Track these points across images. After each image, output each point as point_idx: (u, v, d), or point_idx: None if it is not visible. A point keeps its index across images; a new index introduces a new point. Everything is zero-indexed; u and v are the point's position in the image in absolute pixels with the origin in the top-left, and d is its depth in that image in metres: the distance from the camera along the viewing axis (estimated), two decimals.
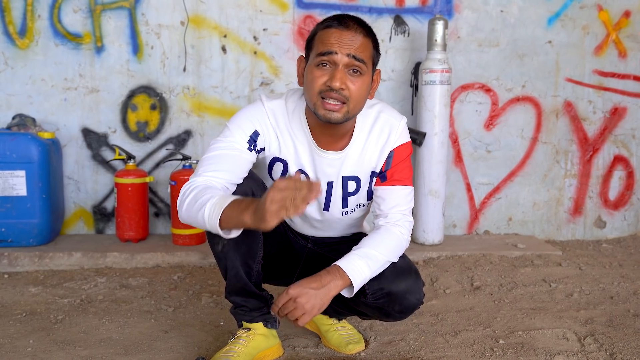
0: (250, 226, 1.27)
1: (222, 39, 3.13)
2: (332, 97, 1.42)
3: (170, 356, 1.78)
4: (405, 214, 1.61)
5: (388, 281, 1.55)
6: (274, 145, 1.57)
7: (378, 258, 1.51)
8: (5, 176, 2.78)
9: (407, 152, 1.62)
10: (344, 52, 1.41)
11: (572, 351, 1.82)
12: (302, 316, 1.42)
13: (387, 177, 1.61)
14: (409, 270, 1.60)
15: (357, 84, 1.44)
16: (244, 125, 1.54)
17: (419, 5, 3.20)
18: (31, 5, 3.02)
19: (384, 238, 1.55)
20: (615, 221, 3.50)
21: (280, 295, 1.44)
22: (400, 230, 1.58)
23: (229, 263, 1.59)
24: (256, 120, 1.55)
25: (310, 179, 1.58)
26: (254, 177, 1.58)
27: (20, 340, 1.88)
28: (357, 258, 1.49)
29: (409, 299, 1.58)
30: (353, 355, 1.80)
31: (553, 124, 3.36)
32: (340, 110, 1.44)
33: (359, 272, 1.47)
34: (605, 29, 3.31)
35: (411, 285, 1.58)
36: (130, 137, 3.16)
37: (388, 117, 1.60)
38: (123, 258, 2.79)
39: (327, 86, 1.42)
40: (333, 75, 1.42)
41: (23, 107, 3.08)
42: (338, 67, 1.42)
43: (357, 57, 1.42)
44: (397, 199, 1.60)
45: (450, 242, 3.16)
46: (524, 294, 2.41)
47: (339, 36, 1.42)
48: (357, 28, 1.44)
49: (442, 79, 2.95)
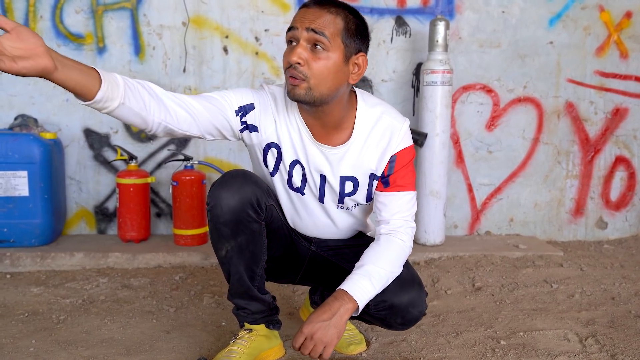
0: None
1: (223, 39, 3.14)
2: (292, 74, 1.40)
3: (172, 356, 1.78)
4: (407, 220, 1.58)
5: (391, 294, 1.53)
6: (270, 128, 1.54)
7: (381, 274, 1.49)
8: (8, 176, 2.78)
9: (410, 156, 1.58)
10: (303, 26, 1.38)
11: (573, 352, 1.82)
12: (325, 349, 1.42)
13: (390, 183, 1.57)
14: (412, 282, 1.58)
15: (319, 60, 1.38)
16: (243, 92, 1.52)
17: (420, 6, 3.21)
18: (33, 6, 3.03)
19: (386, 250, 1.53)
20: (616, 222, 3.49)
21: (295, 336, 1.44)
22: (402, 237, 1.55)
23: (233, 268, 1.59)
24: (258, 96, 1.53)
25: (306, 171, 1.57)
26: (258, 184, 1.57)
27: (22, 340, 1.89)
28: (361, 278, 1.47)
29: (411, 312, 1.57)
30: (355, 356, 1.80)
31: (554, 125, 3.36)
32: (300, 85, 1.40)
33: (364, 293, 1.46)
34: (606, 30, 3.31)
35: (414, 298, 1.56)
36: (132, 138, 3.16)
37: (390, 119, 1.55)
38: (125, 258, 2.79)
39: (288, 62, 1.40)
40: (291, 52, 1.40)
41: (25, 107, 3.09)
42: (299, 43, 1.39)
43: (316, 30, 1.37)
44: (399, 206, 1.57)
45: (451, 243, 3.16)
46: (526, 294, 2.41)
47: (304, 12, 1.40)
48: (328, 7, 1.40)
49: (443, 80, 2.96)
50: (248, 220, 1.53)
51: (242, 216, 1.51)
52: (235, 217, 1.51)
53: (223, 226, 1.52)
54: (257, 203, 1.53)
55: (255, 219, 1.54)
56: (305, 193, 1.62)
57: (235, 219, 1.51)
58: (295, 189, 1.61)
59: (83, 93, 1.21)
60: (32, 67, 1.10)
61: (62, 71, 1.16)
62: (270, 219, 1.61)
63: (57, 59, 1.15)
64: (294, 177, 1.59)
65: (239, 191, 1.51)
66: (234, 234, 1.53)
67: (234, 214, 1.51)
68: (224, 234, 1.54)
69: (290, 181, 1.60)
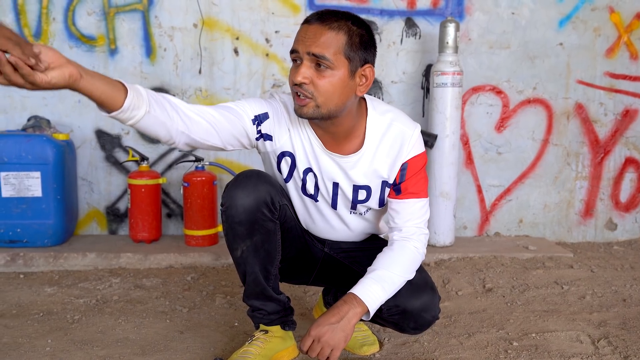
0: None
1: (234, 41, 3.15)
2: (298, 92, 1.41)
3: (187, 356, 1.80)
4: (420, 227, 1.58)
5: (403, 299, 1.53)
6: (284, 137, 1.56)
7: (393, 279, 1.50)
8: (21, 177, 2.81)
9: (422, 163, 1.58)
10: (304, 50, 1.39)
11: (586, 354, 1.83)
12: (332, 352, 1.43)
13: (402, 190, 1.57)
14: (425, 287, 1.58)
15: (324, 79, 1.39)
16: (257, 102, 1.54)
17: (430, 8, 3.21)
18: (46, 8, 3.05)
19: (399, 256, 1.53)
20: (626, 223, 3.49)
21: (303, 338, 1.45)
22: (415, 244, 1.55)
23: (248, 268, 1.60)
24: (271, 106, 1.55)
25: (318, 179, 1.58)
26: (272, 183, 1.58)
27: (38, 339, 1.91)
28: (372, 282, 1.48)
29: (424, 317, 1.58)
30: (368, 356, 1.81)
31: (564, 126, 3.36)
32: (308, 105, 1.42)
33: (374, 297, 1.46)
34: (616, 31, 3.31)
35: (426, 303, 1.57)
36: (143, 139, 3.18)
37: (401, 126, 1.54)
38: (136, 259, 2.81)
39: (293, 82, 1.42)
40: (296, 71, 1.41)
41: (38, 109, 3.11)
42: (302, 62, 1.40)
43: (317, 55, 1.37)
44: (411, 213, 1.57)
45: (461, 244, 3.17)
46: (536, 296, 2.42)
47: (305, 32, 1.40)
48: (330, 22, 1.39)
49: (453, 81, 2.96)
50: (263, 219, 1.54)
51: (257, 215, 1.53)
52: (251, 217, 1.53)
53: (238, 226, 1.54)
54: (272, 202, 1.55)
55: (270, 217, 1.56)
56: (318, 200, 1.64)
57: (251, 218, 1.53)
58: (309, 195, 1.63)
59: (109, 102, 1.22)
60: (60, 76, 1.12)
61: (87, 79, 1.17)
62: (284, 218, 1.63)
63: (81, 68, 1.17)
64: (307, 184, 1.61)
65: (254, 191, 1.52)
66: (249, 234, 1.55)
67: (249, 214, 1.52)
68: (240, 234, 1.55)
69: (304, 188, 1.62)
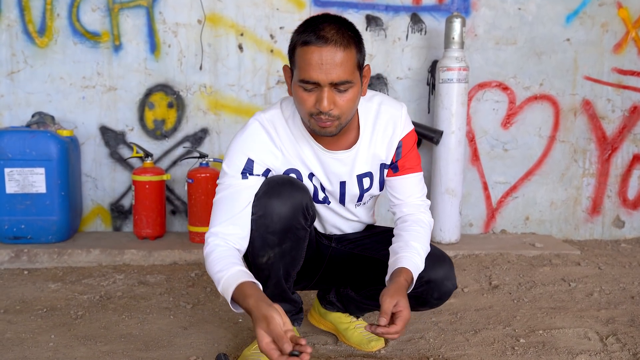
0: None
1: (238, 37, 3.14)
2: (324, 118, 1.40)
3: (191, 352, 1.78)
4: (423, 199, 1.67)
5: (427, 269, 1.56)
6: (279, 160, 1.55)
7: (424, 251, 1.55)
8: (25, 173, 2.80)
9: (414, 139, 1.64)
10: (325, 80, 1.35)
11: (594, 351, 1.80)
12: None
13: (399, 168, 1.63)
14: (443, 257, 1.64)
15: (345, 98, 1.40)
16: (235, 159, 1.51)
17: (435, 3, 3.19)
18: (50, 5, 3.05)
19: (420, 230, 1.59)
20: (634, 221, 3.46)
21: (400, 314, 1.39)
22: (425, 216, 1.64)
23: (273, 273, 1.57)
24: (247, 148, 1.51)
25: (324, 182, 1.59)
26: (305, 189, 1.55)
27: (42, 335, 1.90)
28: (413, 255, 1.51)
29: (446, 285, 1.62)
30: (374, 352, 1.79)
31: (571, 123, 3.33)
32: (333, 124, 1.42)
33: (417, 268, 1.51)
34: (624, 27, 3.28)
35: (447, 271, 1.62)
36: (147, 135, 3.18)
37: (389, 108, 1.60)
38: (140, 255, 2.80)
39: (317, 109, 1.39)
40: (320, 99, 1.37)
41: (42, 105, 3.11)
42: (324, 89, 1.37)
43: (340, 82, 1.36)
44: (411, 188, 1.65)
45: (467, 241, 3.15)
46: (543, 293, 2.39)
47: (319, 58, 1.34)
48: (340, 39, 1.36)
49: (459, 77, 2.94)
50: (297, 227, 1.53)
51: (292, 223, 1.51)
52: (286, 225, 1.51)
53: (271, 235, 1.51)
54: (307, 208, 1.53)
55: (304, 225, 1.55)
56: (330, 202, 1.66)
57: (285, 226, 1.51)
58: (320, 202, 1.65)
59: None
60: None
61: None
62: None
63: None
64: (318, 193, 1.63)
65: (290, 198, 1.50)
66: (280, 242, 1.52)
67: (285, 222, 1.50)
68: (270, 242, 1.52)
69: (315, 195, 1.63)
